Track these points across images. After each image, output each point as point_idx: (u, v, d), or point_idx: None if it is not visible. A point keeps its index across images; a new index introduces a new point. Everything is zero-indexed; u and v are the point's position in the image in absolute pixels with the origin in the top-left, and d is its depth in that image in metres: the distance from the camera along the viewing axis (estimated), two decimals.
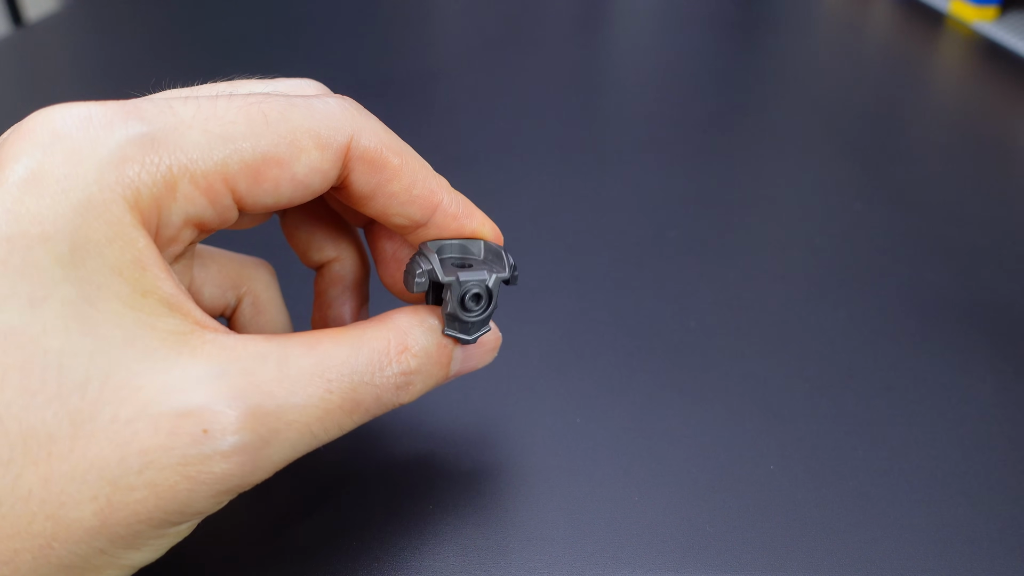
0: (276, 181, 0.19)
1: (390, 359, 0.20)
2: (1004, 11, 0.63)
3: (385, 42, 0.62)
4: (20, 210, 0.16)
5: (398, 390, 0.20)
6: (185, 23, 0.67)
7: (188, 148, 0.18)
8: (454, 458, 0.26)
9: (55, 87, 0.56)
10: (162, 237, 0.18)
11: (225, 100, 0.19)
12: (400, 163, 0.21)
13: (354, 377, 0.19)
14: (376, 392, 0.20)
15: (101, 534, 0.16)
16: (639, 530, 0.24)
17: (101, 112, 0.17)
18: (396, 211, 0.21)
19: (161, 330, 0.17)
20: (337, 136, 0.20)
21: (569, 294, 0.34)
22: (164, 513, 0.17)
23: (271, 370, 0.18)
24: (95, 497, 0.16)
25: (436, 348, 0.21)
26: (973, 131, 0.49)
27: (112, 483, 0.16)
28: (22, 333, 0.16)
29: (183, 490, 0.17)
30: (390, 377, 0.20)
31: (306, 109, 0.20)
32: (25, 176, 0.16)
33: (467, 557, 0.23)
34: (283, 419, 0.18)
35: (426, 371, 0.21)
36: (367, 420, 0.20)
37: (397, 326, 0.21)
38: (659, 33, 0.66)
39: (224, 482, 0.17)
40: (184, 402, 0.17)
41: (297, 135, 0.19)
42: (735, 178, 0.43)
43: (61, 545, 0.16)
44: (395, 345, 0.20)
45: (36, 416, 0.16)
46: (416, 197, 0.21)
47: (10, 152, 0.17)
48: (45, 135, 0.17)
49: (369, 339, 0.20)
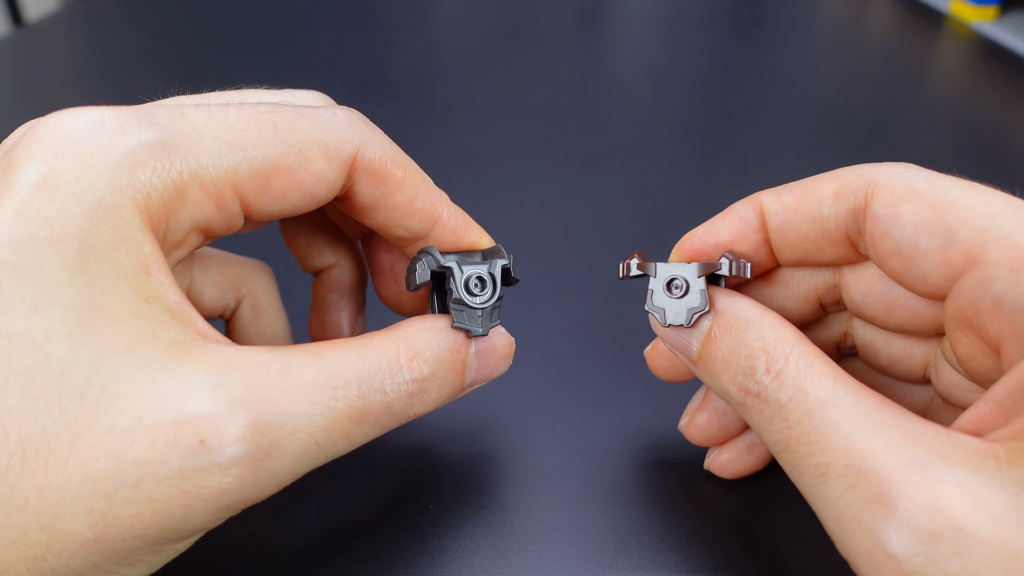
0: (284, 189, 0.19)
1: (401, 365, 0.19)
2: (1004, 11, 0.63)
3: (385, 42, 0.62)
4: (30, 214, 0.16)
5: (411, 398, 0.19)
6: (185, 23, 0.67)
7: (199, 154, 0.18)
8: (455, 458, 0.26)
9: (55, 87, 0.56)
10: (168, 242, 0.18)
11: (236, 108, 0.19)
12: (404, 176, 0.21)
13: (362, 384, 0.18)
14: (386, 401, 0.19)
15: (96, 548, 0.16)
16: (639, 530, 0.24)
17: (113, 117, 0.17)
18: (397, 223, 0.22)
19: (163, 338, 0.17)
20: (344, 147, 0.20)
21: (569, 294, 0.34)
22: (161, 530, 0.16)
23: (273, 378, 0.17)
24: (90, 511, 0.16)
25: (448, 353, 0.20)
26: (973, 131, 0.49)
27: (107, 497, 0.16)
28: (26, 338, 0.16)
29: (180, 505, 0.16)
30: (402, 385, 0.19)
31: (315, 120, 0.20)
32: (36, 179, 0.16)
33: (467, 557, 0.23)
34: (285, 429, 0.17)
35: (440, 378, 0.20)
36: (379, 433, 0.19)
37: (406, 332, 0.20)
38: (659, 33, 0.66)
39: (223, 497, 0.16)
40: (181, 411, 0.16)
41: (305, 145, 0.19)
42: (735, 178, 0.43)
43: (55, 558, 0.16)
44: (405, 351, 0.19)
45: (36, 423, 0.16)
46: (417, 210, 0.21)
47: (22, 155, 0.17)
48: (57, 138, 0.17)
49: (377, 346, 0.19)
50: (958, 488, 0.15)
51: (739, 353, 0.19)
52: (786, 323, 0.19)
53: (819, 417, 0.17)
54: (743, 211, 0.21)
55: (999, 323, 0.17)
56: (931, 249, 0.18)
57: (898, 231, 0.18)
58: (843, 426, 0.16)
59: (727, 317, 0.20)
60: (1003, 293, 0.17)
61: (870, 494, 0.15)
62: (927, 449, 0.16)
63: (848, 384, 0.17)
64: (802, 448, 0.17)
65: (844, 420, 0.17)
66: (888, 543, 0.15)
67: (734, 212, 0.21)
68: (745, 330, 0.19)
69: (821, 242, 0.20)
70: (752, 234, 0.21)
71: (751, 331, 0.19)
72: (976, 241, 0.17)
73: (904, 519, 0.15)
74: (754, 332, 0.19)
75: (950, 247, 0.18)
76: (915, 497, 0.15)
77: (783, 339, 0.19)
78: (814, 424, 0.17)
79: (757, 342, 0.19)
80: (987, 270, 0.17)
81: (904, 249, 0.18)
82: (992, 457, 0.15)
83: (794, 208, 0.20)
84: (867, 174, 0.19)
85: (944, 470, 0.15)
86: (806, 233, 0.20)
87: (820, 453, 0.16)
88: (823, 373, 0.18)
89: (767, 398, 0.18)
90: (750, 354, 0.19)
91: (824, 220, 0.20)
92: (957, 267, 0.18)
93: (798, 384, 0.17)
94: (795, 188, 0.21)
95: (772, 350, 0.18)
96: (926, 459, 0.15)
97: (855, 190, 0.19)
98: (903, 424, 0.16)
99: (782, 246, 0.21)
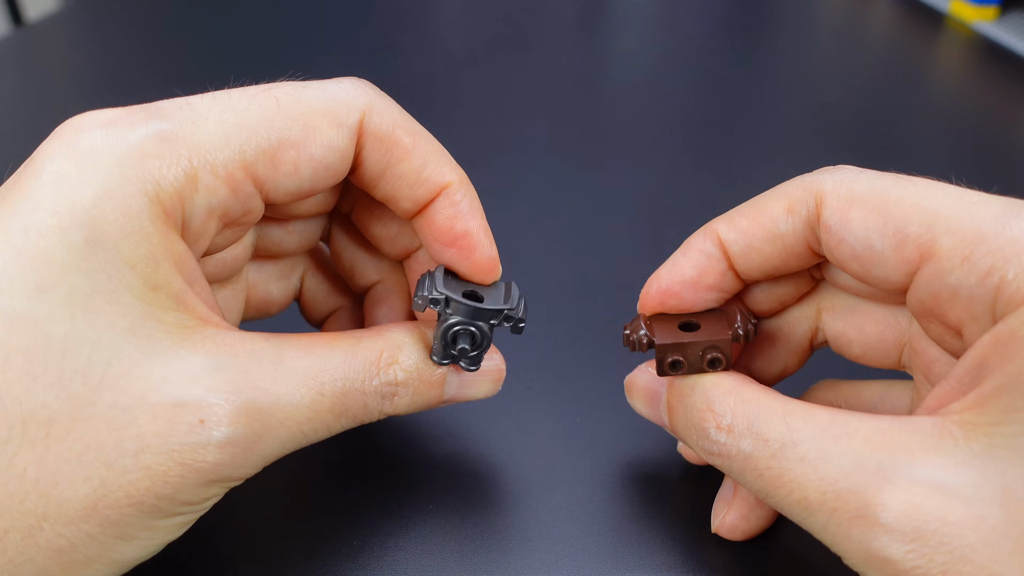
0: (294, 163, 0.19)
1: (378, 369, 0.20)
2: (1004, 11, 0.63)
3: (385, 42, 0.62)
4: (42, 203, 0.17)
5: (383, 399, 0.20)
6: (185, 23, 0.67)
7: (205, 140, 0.18)
8: (454, 458, 0.26)
9: (55, 87, 0.56)
10: (189, 231, 0.19)
11: (239, 91, 0.20)
12: (412, 143, 0.21)
13: (346, 382, 0.19)
14: (363, 400, 0.20)
15: (91, 517, 0.17)
16: (639, 530, 0.24)
17: (125, 115, 0.18)
18: (405, 194, 0.21)
19: (166, 323, 0.18)
20: (351, 113, 0.20)
21: (569, 294, 0.34)
22: (155, 498, 0.17)
23: (267, 368, 0.18)
24: (89, 478, 0.16)
25: (426, 367, 0.21)
26: (973, 131, 0.49)
27: (107, 465, 0.16)
28: (27, 318, 0.16)
29: (175, 476, 0.17)
30: (376, 386, 0.20)
31: (318, 90, 0.20)
32: (51, 172, 0.17)
33: (467, 557, 0.23)
34: (276, 416, 0.18)
35: (414, 388, 0.21)
36: (354, 425, 0.20)
37: (392, 338, 0.21)
38: (659, 33, 0.66)
39: (215, 471, 0.17)
40: (183, 393, 0.17)
41: (310, 116, 0.19)
42: (735, 178, 0.43)
43: (51, 526, 0.16)
44: (386, 356, 0.20)
45: (37, 399, 0.16)
46: (425, 179, 0.21)
47: (41, 152, 0.18)
48: (71, 135, 0.18)
49: (363, 348, 0.20)
50: (926, 483, 0.16)
51: (692, 418, 0.20)
52: (727, 374, 0.20)
53: (785, 458, 0.18)
54: (701, 244, 0.22)
55: (958, 310, 0.18)
56: (886, 250, 0.18)
57: (851, 237, 0.19)
58: (810, 458, 0.17)
59: (675, 387, 0.21)
60: (958, 283, 0.17)
61: (851, 512, 0.16)
62: (888, 450, 0.16)
63: (796, 412, 0.18)
64: (780, 490, 0.18)
65: (809, 452, 0.17)
66: (882, 549, 0.16)
67: (693, 247, 0.22)
68: (690, 395, 0.20)
69: (786, 257, 0.21)
70: (715, 264, 0.21)
71: (695, 394, 0.20)
72: (926, 236, 0.18)
73: (887, 526, 0.16)
74: (698, 394, 0.20)
75: (903, 246, 0.18)
76: (891, 504, 0.16)
77: (724, 393, 0.19)
78: (783, 466, 0.17)
79: (702, 403, 0.20)
80: (940, 262, 0.18)
81: (860, 253, 0.19)
82: (948, 436, 0.16)
83: (751, 231, 0.21)
84: (811, 185, 0.20)
85: (909, 468, 0.16)
86: (769, 252, 0.21)
87: (797, 490, 0.17)
88: (772, 412, 0.18)
89: (729, 454, 0.19)
90: (700, 417, 0.20)
91: (783, 237, 0.20)
92: (913, 263, 0.18)
93: (754, 432, 0.18)
94: (746, 211, 0.21)
95: (717, 407, 0.19)
96: (890, 462, 0.16)
97: (804, 202, 0.20)
98: (859, 430, 0.17)
99: (749, 268, 0.21)
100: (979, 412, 0.16)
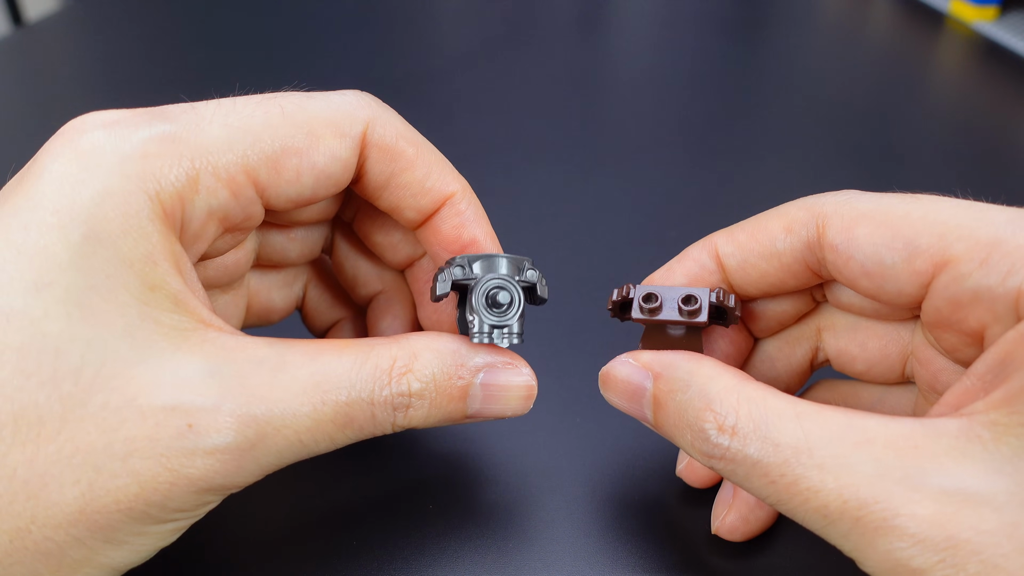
0: (297, 170, 0.19)
1: (389, 378, 0.19)
2: (1004, 11, 0.63)
3: (385, 42, 0.62)
4: (43, 201, 0.17)
5: (395, 411, 0.19)
6: (185, 23, 0.67)
7: (208, 142, 0.18)
8: (454, 458, 0.26)
9: (55, 87, 0.56)
10: (188, 233, 0.19)
11: (244, 97, 0.20)
12: (415, 153, 0.21)
13: (351, 391, 0.18)
14: (371, 411, 0.19)
15: (80, 521, 0.16)
16: (639, 530, 0.24)
17: (129, 116, 0.18)
18: (408, 203, 0.21)
19: (164, 324, 0.17)
20: (354, 124, 0.20)
21: (569, 294, 0.34)
22: (145, 505, 0.17)
23: (265, 375, 0.18)
24: (78, 481, 0.16)
25: (445, 376, 0.20)
26: (973, 131, 0.49)
27: (96, 468, 0.16)
28: (24, 315, 0.16)
29: (165, 482, 0.17)
30: (387, 397, 0.19)
31: (323, 100, 0.20)
32: (53, 171, 0.17)
33: (467, 557, 0.23)
34: (272, 424, 0.17)
35: (431, 399, 0.19)
36: (364, 438, 0.19)
37: (408, 345, 0.20)
38: (659, 33, 0.66)
39: (205, 480, 0.17)
40: (173, 397, 0.17)
41: (314, 125, 0.20)
42: (735, 178, 0.43)
43: (39, 529, 0.16)
44: (399, 365, 0.19)
45: (29, 398, 0.16)
46: (428, 189, 0.21)
47: (45, 151, 0.18)
48: (74, 135, 0.18)
49: (375, 355, 0.19)
50: (956, 492, 0.15)
51: (687, 418, 0.19)
52: (725, 369, 0.19)
53: (800, 464, 0.16)
54: (698, 254, 0.22)
55: (979, 313, 0.17)
56: (897, 263, 0.18)
57: (860, 254, 0.19)
58: (829, 465, 0.16)
59: (665, 380, 0.20)
60: (978, 284, 0.17)
61: (877, 521, 0.15)
62: (913, 457, 0.16)
63: (809, 414, 0.17)
64: (795, 498, 0.17)
65: (827, 459, 0.16)
66: (910, 560, 0.15)
67: (689, 256, 0.22)
68: (685, 391, 0.19)
69: (783, 275, 0.21)
70: (707, 276, 0.21)
71: (692, 391, 0.19)
72: (938, 245, 0.18)
73: (916, 536, 0.15)
74: (695, 391, 0.19)
75: (915, 257, 0.18)
76: (919, 514, 0.15)
77: (725, 390, 0.18)
78: (798, 473, 0.16)
79: (700, 401, 0.18)
80: (958, 268, 0.17)
81: (871, 270, 0.19)
82: (976, 440, 0.15)
83: (749, 247, 0.21)
84: (813, 206, 0.20)
85: (937, 475, 0.15)
86: (765, 269, 0.21)
87: (815, 499, 0.16)
88: (783, 414, 0.17)
89: (733, 458, 0.17)
90: (698, 416, 0.18)
91: (781, 255, 0.20)
92: (926, 274, 0.18)
93: (762, 435, 0.17)
94: (746, 227, 0.21)
95: (718, 406, 0.18)
96: (916, 469, 0.15)
97: (804, 223, 0.20)
98: (880, 435, 0.16)
99: (745, 284, 0.21)
100: (1007, 412, 0.15)
